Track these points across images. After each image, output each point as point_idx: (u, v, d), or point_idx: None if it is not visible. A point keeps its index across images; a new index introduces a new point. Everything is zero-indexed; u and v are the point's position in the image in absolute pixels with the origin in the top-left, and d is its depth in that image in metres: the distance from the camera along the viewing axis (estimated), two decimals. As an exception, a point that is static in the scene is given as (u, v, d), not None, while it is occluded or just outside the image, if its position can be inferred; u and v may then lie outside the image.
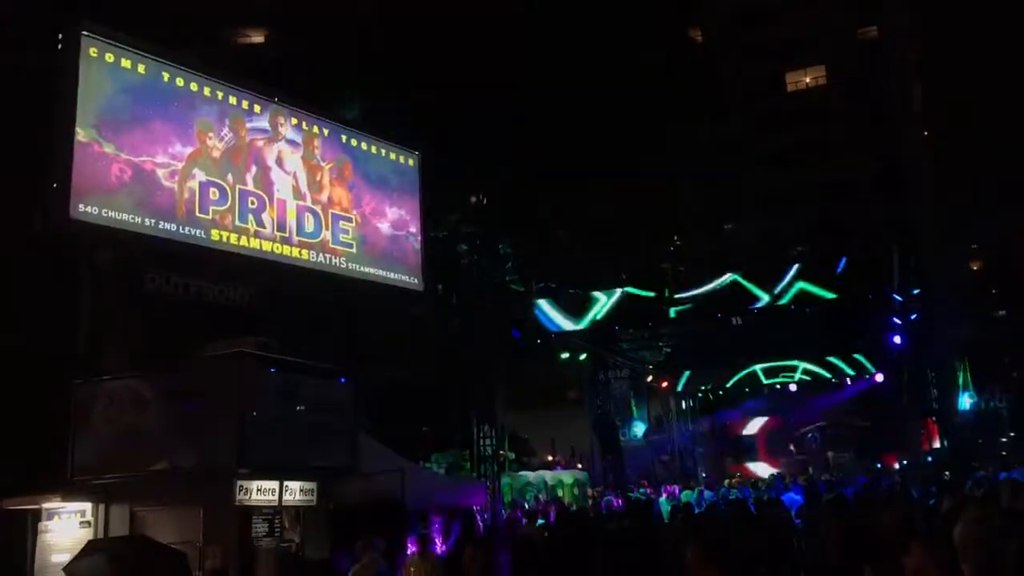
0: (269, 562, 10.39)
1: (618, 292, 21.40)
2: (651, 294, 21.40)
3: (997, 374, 43.61)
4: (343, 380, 12.68)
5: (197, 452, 10.67)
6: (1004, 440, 38.32)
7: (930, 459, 22.60)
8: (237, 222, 14.82)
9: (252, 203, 15.13)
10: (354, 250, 16.99)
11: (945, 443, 26.91)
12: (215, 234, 14.51)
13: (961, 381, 35.60)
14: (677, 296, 20.68)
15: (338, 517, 12.26)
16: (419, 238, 18.55)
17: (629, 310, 21.24)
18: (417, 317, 25.75)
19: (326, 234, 16.43)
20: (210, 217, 14.45)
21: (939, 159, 54.13)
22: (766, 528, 12.88)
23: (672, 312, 20.85)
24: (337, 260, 16.61)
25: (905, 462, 28.28)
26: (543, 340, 24.58)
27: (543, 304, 21.00)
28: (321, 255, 16.28)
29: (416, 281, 18.43)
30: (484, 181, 30.68)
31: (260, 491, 10.87)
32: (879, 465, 31.68)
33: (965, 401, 38.14)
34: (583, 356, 27.80)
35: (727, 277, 19.84)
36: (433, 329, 27.89)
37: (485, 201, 31.10)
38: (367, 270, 17.21)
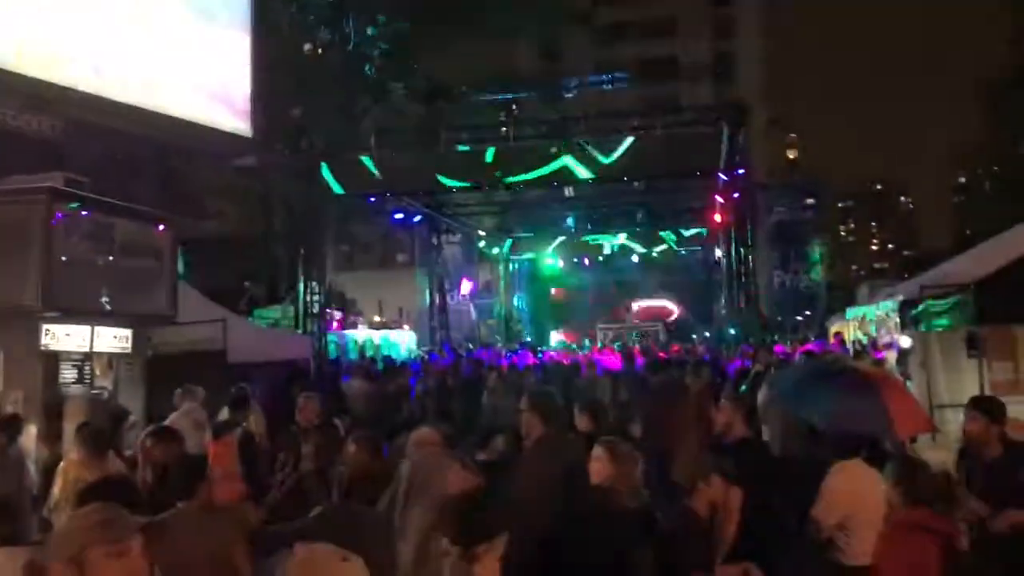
0: (78, 409, 9.88)
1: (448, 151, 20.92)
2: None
3: (801, 255, 47.96)
4: (161, 227, 11.97)
5: (-3, 292, 9.85)
6: (800, 319, 42.12)
7: (732, 331, 24.10)
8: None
9: (60, 26, 13.66)
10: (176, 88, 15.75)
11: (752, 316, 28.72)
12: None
13: (771, 260, 38.32)
14: (510, 180, 20.55)
15: (156, 366, 11.82)
16: (250, 80, 17.41)
17: (463, 173, 20.84)
18: (245, 166, 24.65)
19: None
20: (11, 37, 12.97)
21: (772, 46, 56.21)
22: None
23: (505, 179, 20.68)
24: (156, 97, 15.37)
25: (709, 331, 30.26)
26: (376, 199, 24.05)
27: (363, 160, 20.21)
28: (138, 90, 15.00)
29: (244, 127, 17.36)
30: (320, 30, 29.37)
31: (68, 336, 10.25)
32: (693, 336, 33.91)
33: (774, 279, 41.27)
34: (417, 218, 27.53)
35: (558, 160, 19.64)
36: (261, 181, 26.87)
37: (320, 51, 29.74)
38: (189, 111, 16.06)
